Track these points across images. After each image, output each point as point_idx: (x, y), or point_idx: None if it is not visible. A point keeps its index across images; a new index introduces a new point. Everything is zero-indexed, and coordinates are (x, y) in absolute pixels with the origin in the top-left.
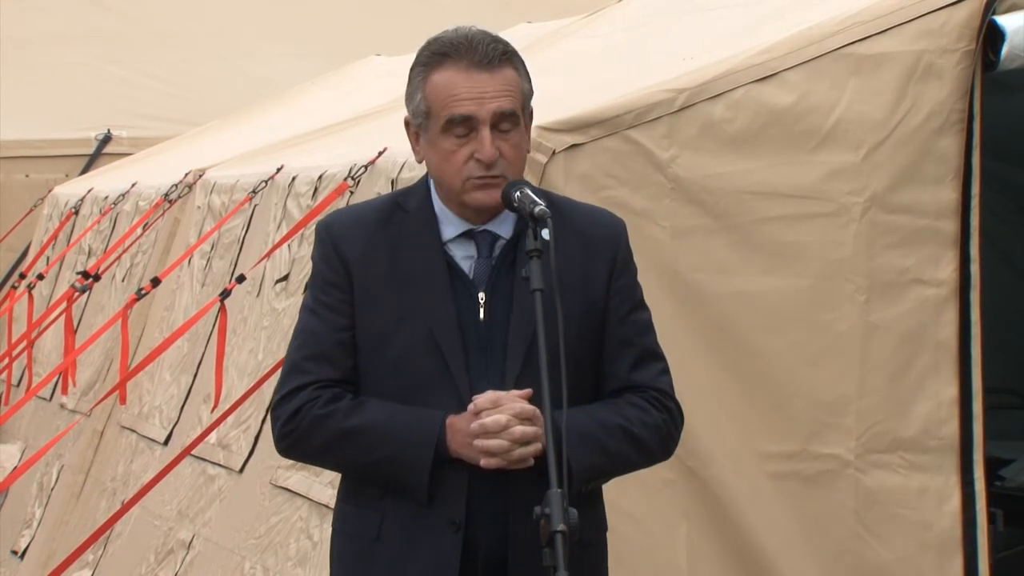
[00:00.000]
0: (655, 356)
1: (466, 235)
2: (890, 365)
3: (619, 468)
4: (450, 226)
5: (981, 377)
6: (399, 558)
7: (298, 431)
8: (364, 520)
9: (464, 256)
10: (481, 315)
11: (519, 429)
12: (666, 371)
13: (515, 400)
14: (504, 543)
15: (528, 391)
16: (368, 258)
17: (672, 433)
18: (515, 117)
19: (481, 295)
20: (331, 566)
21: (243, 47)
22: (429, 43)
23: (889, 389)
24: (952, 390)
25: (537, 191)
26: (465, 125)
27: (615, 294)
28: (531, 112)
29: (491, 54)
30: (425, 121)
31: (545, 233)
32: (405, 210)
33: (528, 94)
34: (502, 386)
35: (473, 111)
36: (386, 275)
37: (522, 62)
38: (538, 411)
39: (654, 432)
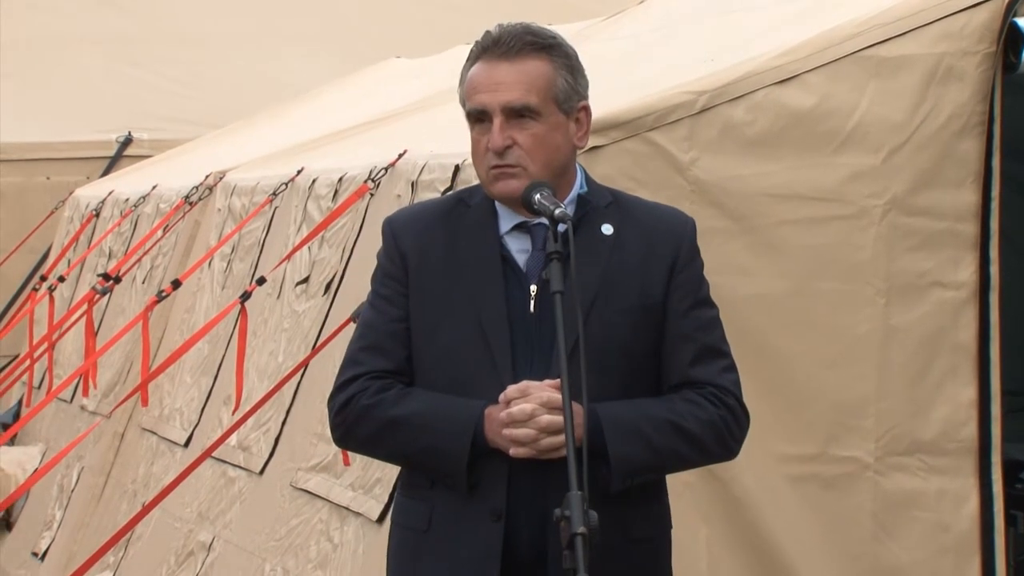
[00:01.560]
0: (717, 353)
1: (523, 228)
2: (909, 368)
3: (669, 463)
4: (507, 219)
5: (1000, 379)
6: (446, 548)
7: (347, 421)
8: (415, 512)
9: (519, 249)
10: (531, 307)
11: (546, 418)
12: (730, 369)
13: (544, 389)
14: (545, 534)
15: (557, 380)
16: (425, 250)
17: (732, 430)
18: (531, 111)
19: (532, 287)
20: (388, 558)
21: (263, 49)
22: (480, 38)
23: (908, 392)
24: (971, 392)
25: (602, 187)
26: (484, 116)
27: (675, 289)
28: (582, 107)
29: (515, 45)
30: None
31: (606, 228)
32: (467, 204)
33: (564, 88)
34: (544, 379)
35: (486, 102)
36: (441, 267)
37: (566, 56)
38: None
39: (708, 428)
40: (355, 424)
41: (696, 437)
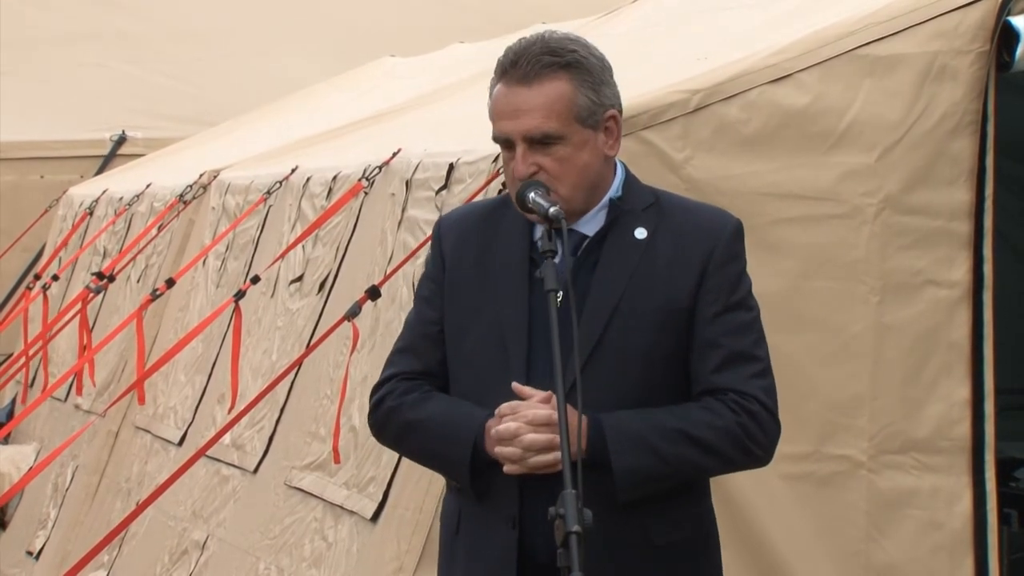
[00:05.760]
0: (747, 358)
1: (557, 234)
2: (903, 366)
3: (682, 471)
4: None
5: (993, 378)
6: (471, 552)
7: (378, 422)
8: (449, 512)
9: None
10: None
11: (529, 437)
12: (761, 374)
13: (533, 406)
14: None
15: (548, 393)
16: (461, 252)
17: (755, 436)
18: (552, 137)
19: (559, 293)
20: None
21: (258, 47)
22: (502, 54)
23: (902, 390)
24: (964, 391)
25: (645, 188)
26: (509, 143)
27: (705, 294)
28: (609, 117)
29: (532, 67)
30: None
31: (639, 232)
32: (507, 208)
33: (586, 105)
34: (557, 385)
35: (509, 131)
36: (474, 270)
37: (587, 71)
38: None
39: (723, 435)
40: (383, 425)
41: (710, 445)
